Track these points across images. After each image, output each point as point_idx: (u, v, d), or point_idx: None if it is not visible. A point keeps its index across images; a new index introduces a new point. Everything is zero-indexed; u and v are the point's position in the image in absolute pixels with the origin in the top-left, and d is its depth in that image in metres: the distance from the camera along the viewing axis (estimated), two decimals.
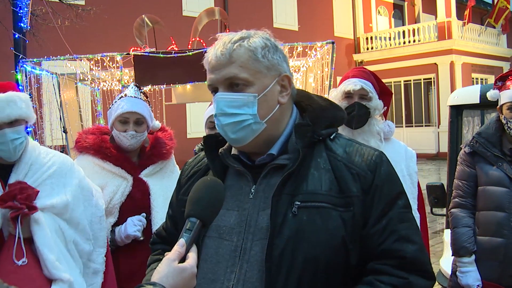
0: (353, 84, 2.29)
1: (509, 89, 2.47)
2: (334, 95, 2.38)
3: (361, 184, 1.17)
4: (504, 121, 2.49)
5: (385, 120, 2.47)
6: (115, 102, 2.46)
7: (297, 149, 1.19)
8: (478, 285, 2.44)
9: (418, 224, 2.33)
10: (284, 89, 1.25)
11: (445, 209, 3.32)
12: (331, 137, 1.27)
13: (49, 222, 1.91)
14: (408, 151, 2.46)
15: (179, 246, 1.05)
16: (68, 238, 1.98)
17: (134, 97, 2.44)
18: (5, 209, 1.82)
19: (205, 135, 1.34)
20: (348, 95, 2.31)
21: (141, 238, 2.33)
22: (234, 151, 1.29)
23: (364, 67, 2.51)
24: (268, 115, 1.21)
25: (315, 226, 1.13)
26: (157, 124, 2.63)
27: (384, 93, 2.45)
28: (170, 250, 1.34)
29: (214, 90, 1.23)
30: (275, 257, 1.12)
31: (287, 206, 1.15)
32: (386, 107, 2.43)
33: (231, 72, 1.18)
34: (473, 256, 2.50)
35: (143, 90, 2.57)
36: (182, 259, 1.05)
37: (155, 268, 1.28)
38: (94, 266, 2.10)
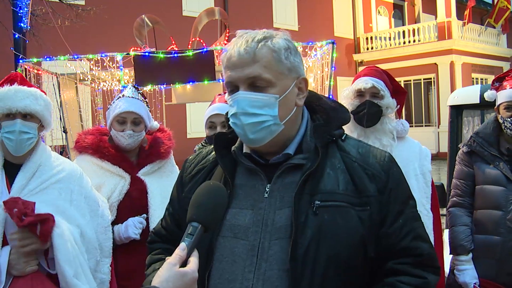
0: (364, 82, 2.31)
1: (506, 89, 2.49)
2: (346, 94, 2.39)
3: (376, 185, 1.20)
4: (501, 121, 2.51)
5: (399, 118, 2.47)
6: (113, 102, 2.48)
7: (313, 149, 1.22)
8: (475, 283, 2.46)
9: (431, 224, 2.33)
10: (301, 91, 1.25)
11: (445, 209, 3.33)
12: (342, 137, 1.29)
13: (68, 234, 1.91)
14: (423, 149, 2.46)
15: (180, 250, 1.05)
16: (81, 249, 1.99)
17: (132, 97, 2.46)
18: (8, 214, 1.81)
19: (217, 132, 1.33)
20: (359, 93, 2.33)
21: (138, 238, 2.33)
22: (245, 149, 1.29)
23: (376, 66, 2.51)
24: (286, 116, 1.21)
25: (336, 224, 1.15)
26: (155, 124, 2.64)
27: (398, 91, 2.46)
28: (171, 249, 1.31)
29: (234, 88, 1.22)
30: (299, 255, 1.12)
31: (307, 205, 1.16)
32: (399, 106, 2.44)
33: (255, 71, 1.17)
34: (470, 254, 2.52)
35: (141, 91, 2.58)
36: (184, 264, 1.05)
37: (157, 269, 1.27)
38: (101, 276, 2.10)
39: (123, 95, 2.49)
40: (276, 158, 1.24)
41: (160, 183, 2.49)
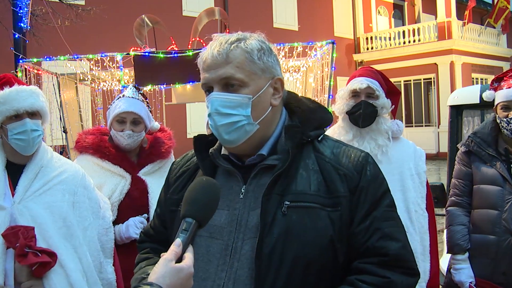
0: (360, 82, 2.31)
1: (503, 89, 2.50)
2: (341, 94, 2.40)
3: (348, 185, 1.20)
4: (498, 121, 2.53)
5: (394, 119, 2.48)
6: (113, 102, 2.49)
7: (286, 150, 1.22)
8: (471, 282, 2.47)
9: (427, 224, 2.33)
10: (276, 91, 1.27)
11: (445, 209, 3.34)
12: (319, 138, 1.29)
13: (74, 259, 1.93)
14: (417, 150, 2.47)
15: (176, 246, 1.06)
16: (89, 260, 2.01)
17: (132, 97, 2.46)
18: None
19: (196, 135, 1.35)
20: (354, 93, 2.33)
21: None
22: (224, 151, 1.31)
23: (371, 66, 2.52)
24: (261, 116, 1.23)
25: (304, 225, 1.15)
26: (156, 125, 2.65)
27: (392, 92, 2.47)
28: (158, 249, 1.36)
29: (208, 89, 1.24)
30: (264, 255, 1.13)
31: (276, 205, 1.17)
32: (394, 106, 2.45)
33: (227, 72, 1.19)
34: (467, 254, 2.54)
35: (142, 91, 2.58)
36: (179, 259, 1.06)
37: (143, 267, 1.31)
38: (107, 277, 2.11)
39: (123, 95, 2.49)
40: (251, 159, 1.26)
41: (161, 183, 2.46)
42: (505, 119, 2.46)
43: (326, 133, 1.34)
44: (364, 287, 1.14)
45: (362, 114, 2.28)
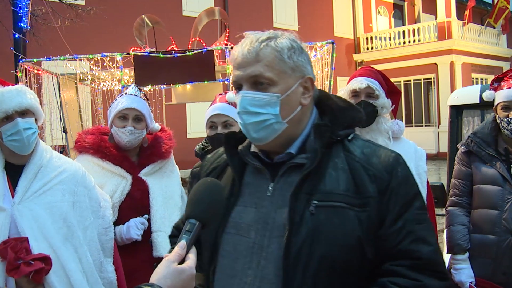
0: (359, 82, 2.32)
1: (503, 89, 2.50)
2: (341, 94, 2.40)
3: (377, 185, 1.18)
4: (498, 121, 2.53)
5: (395, 119, 2.47)
6: (115, 100, 2.48)
7: (315, 149, 1.21)
8: (471, 282, 2.47)
9: None
10: (306, 91, 1.26)
11: (444, 209, 3.34)
12: (349, 138, 1.28)
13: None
14: (418, 150, 2.47)
15: (180, 247, 1.06)
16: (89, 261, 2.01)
17: (134, 95, 2.46)
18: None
19: (227, 132, 1.36)
20: (355, 93, 2.34)
21: (140, 239, 2.33)
22: (253, 148, 1.31)
23: (371, 66, 2.52)
24: (289, 115, 1.22)
25: (332, 225, 1.14)
26: (156, 126, 2.64)
27: (392, 91, 2.47)
28: None
29: (238, 87, 1.25)
30: (292, 254, 1.13)
31: (305, 204, 1.16)
32: (394, 106, 2.44)
33: (256, 70, 1.19)
34: (467, 254, 2.54)
35: (143, 92, 2.58)
36: (182, 261, 1.06)
37: None
38: (108, 275, 2.11)
39: (125, 93, 2.49)
40: (280, 157, 1.25)
41: (162, 183, 2.48)
42: (505, 119, 2.46)
43: None
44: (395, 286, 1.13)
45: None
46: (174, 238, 1.46)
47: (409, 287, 1.13)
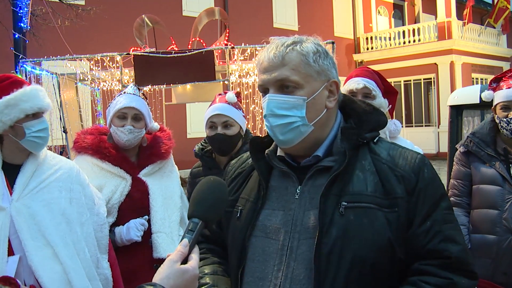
0: (356, 83, 2.33)
1: (502, 89, 2.51)
2: None
3: (405, 186, 1.20)
4: (497, 121, 2.53)
5: (392, 119, 2.48)
6: (114, 100, 2.48)
7: (342, 151, 1.23)
8: None
9: None
10: (332, 94, 1.28)
11: None
12: (375, 140, 1.30)
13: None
14: (415, 149, 2.46)
15: (183, 246, 1.06)
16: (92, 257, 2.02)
17: (133, 94, 2.46)
18: None
19: (252, 136, 1.38)
20: (352, 94, 2.34)
21: (140, 240, 2.33)
22: (279, 152, 1.33)
23: (368, 66, 2.53)
24: (315, 118, 1.25)
25: (362, 226, 1.16)
26: (156, 125, 2.64)
27: (389, 92, 2.47)
28: (214, 249, 1.41)
29: (265, 91, 1.27)
30: (323, 255, 1.14)
31: (334, 206, 1.18)
32: (391, 106, 2.45)
33: (283, 74, 1.22)
34: None
35: (142, 91, 2.58)
36: (185, 260, 1.06)
37: (200, 267, 1.31)
38: (104, 272, 2.12)
39: (124, 92, 2.49)
40: (307, 160, 1.27)
41: (161, 184, 2.48)
42: (505, 119, 2.47)
43: None
44: (427, 287, 1.14)
45: None
46: (199, 245, 1.45)
47: (440, 285, 1.15)
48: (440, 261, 1.17)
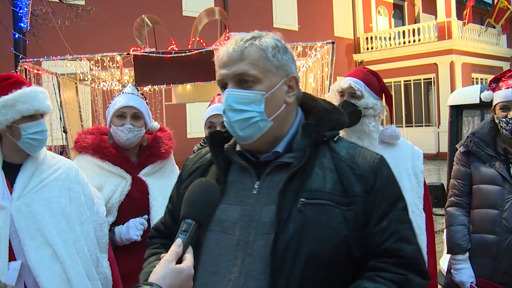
0: (343, 82, 2.33)
1: (502, 89, 2.51)
2: (329, 94, 2.43)
3: (363, 185, 1.21)
4: (497, 121, 2.53)
5: (391, 123, 2.43)
6: (113, 100, 2.49)
7: (302, 148, 1.23)
8: (471, 282, 2.47)
9: (424, 224, 2.33)
10: (291, 89, 1.28)
11: (444, 209, 3.34)
12: (335, 139, 1.30)
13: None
14: (415, 150, 2.46)
15: (176, 246, 1.07)
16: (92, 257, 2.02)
17: (131, 93, 2.47)
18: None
19: (212, 131, 1.37)
20: (341, 93, 2.35)
21: (139, 239, 2.33)
22: (238, 147, 1.32)
23: (366, 67, 2.51)
24: (274, 113, 1.24)
25: (319, 222, 1.16)
26: (155, 125, 2.64)
27: (384, 95, 2.44)
28: (168, 244, 1.37)
29: (224, 86, 1.26)
30: (279, 251, 1.14)
31: (292, 202, 1.18)
32: (388, 110, 2.43)
33: (241, 69, 1.21)
34: (467, 254, 2.54)
35: (141, 91, 2.59)
36: (179, 260, 1.07)
37: (152, 262, 1.33)
38: (103, 271, 2.12)
39: (122, 92, 2.50)
40: (266, 156, 1.27)
41: (161, 184, 2.48)
42: (504, 119, 2.47)
43: None
44: (382, 282, 1.15)
45: None
46: (153, 239, 1.48)
47: (394, 280, 1.16)
48: (395, 259, 1.19)
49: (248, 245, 1.19)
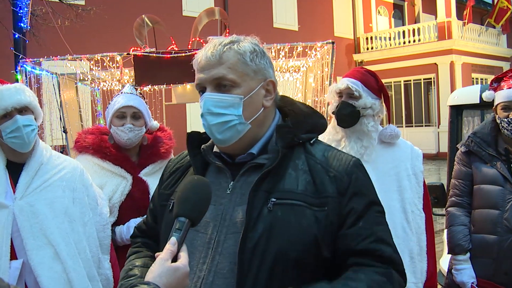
0: (341, 83, 2.34)
1: (503, 89, 2.50)
2: (328, 95, 2.43)
3: (337, 186, 1.23)
4: (498, 121, 2.53)
5: (389, 123, 2.44)
6: (112, 100, 2.50)
7: (276, 150, 1.25)
8: (472, 283, 2.47)
9: (424, 224, 2.33)
10: (268, 93, 1.30)
11: (444, 209, 3.33)
12: (311, 141, 1.32)
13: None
14: (414, 150, 2.46)
15: (171, 244, 1.08)
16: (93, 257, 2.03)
17: (130, 93, 2.47)
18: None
19: (189, 131, 1.37)
20: (339, 94, 2.35)
21: None
22: (215, 148, 1.34)
23: (365, 67, 2.51)
24: (252, 116, 1.26)
25: (289, 222, 1.17)
26: (155, 124, 2.65)
27: (383, 94, 2.44)
28: (148, 243, 1.42)
29: (202, 90, 1.28)
30: (248, 250, 1.16)
31: (263, 202, 1.20)
32: (386, 110, 2.43)
33: (219, 73, 1.23)
34: (468, 254, 2.53)
35: (140, 91, 2.59)
36: (174, 258, 1.07)
37: (132, 260, 1.36)
38: (105, 272, 2.12)
39: (121, 92, 2.50)
40: (241, 157, 1.29)
41: None
42: (505, 120, 2.46)
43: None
44: (369, 273, 1.16)
45: (337, 114, 2.30)
46: (135, 239, 1.50)
47: (378, 272, 1.18)
48: (373, 258, 1.20)
49: (219, 244, 1.20)
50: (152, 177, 2.48)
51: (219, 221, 1.23)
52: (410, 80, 18.54)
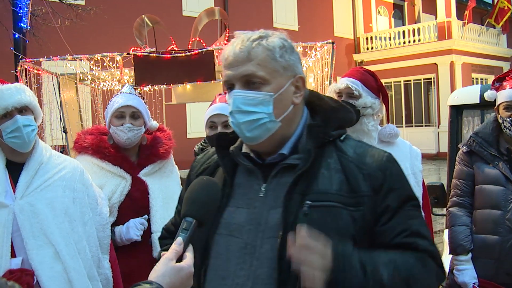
0: (340, 83, 2.34)
1: (506, 89, 2.50)
2: (328, 95, 2.41)
3: (371, 184, 1.19)
4: (500, 121, 2.52)
5: (388, 122, 2.44)
6: (111, 101, 2.50)
7: (308, 149, 1.21)
8: (474, 283, 2.47)
9: None
10: (298, 90, 1.26)
11: (445, 209, 3.33)
12: (341, 138, 1.28)
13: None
14: (413, 150, 2.46)
15: (177, 244, 1.07)
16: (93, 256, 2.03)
17: (129, 93, 2.47)
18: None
19: (218, 132, 1.35)
20: (339, 94, 2.35)
21: (140, 239, 2.33)
22: (245, 149, 1.31)
23: (364, 67, 2.51)
24: (282, 114, 1.22)
25: (325, 225, 1.14)
26: (154, 124, 2.64)
27: (382, 94, 2.44)
28: None
29: (230, 86, 1.24)
30: (286, 255, 1.12)
31: (298, 205, 1.16)
32: (385, 109, 2.43)
33: (249, 70, 1.19)
34: (470, 254, 2.53)
35: (139, 91, 2.59)
36: (179, 258, 1.07)
37: None
38: (104, 272, 2.12)
39: (120, 92, 2.50)
40: (272, 158, 1.25)
41: (161, 184, 2.48)
42: (508, 119, 2.46)
43: None
44: (406, 255, 1.15)
45: None
46: (164, 240, 1.47)
47: (415, 256, 1.16)
48: (409, 250, 1.18)
49: (255, 248, 1.17)
50: (151, 177, 2.48)
51: (253, 225, 1.20)
52: (410, 80, 18.54)
